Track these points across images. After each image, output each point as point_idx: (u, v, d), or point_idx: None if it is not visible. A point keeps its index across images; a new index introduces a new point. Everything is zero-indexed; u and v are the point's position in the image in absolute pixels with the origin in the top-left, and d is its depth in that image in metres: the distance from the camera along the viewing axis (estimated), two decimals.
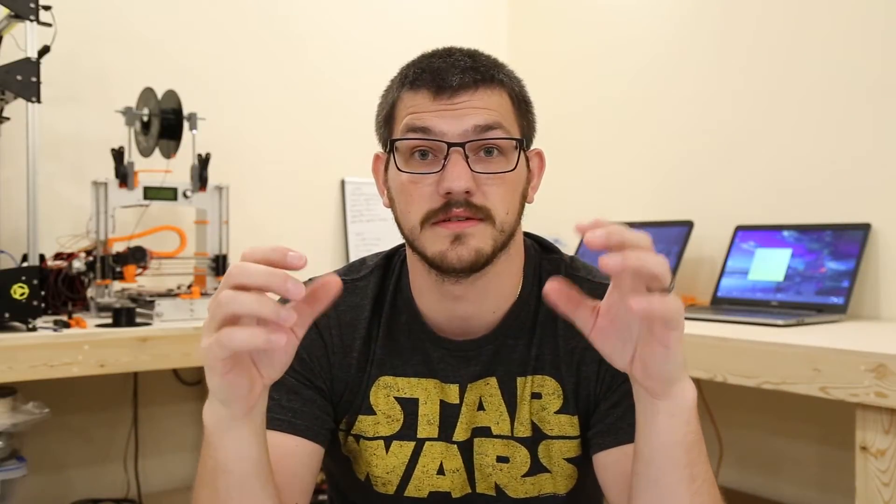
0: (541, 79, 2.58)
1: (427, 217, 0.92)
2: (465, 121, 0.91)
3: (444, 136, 0.91)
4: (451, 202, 0.90)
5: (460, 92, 0.91)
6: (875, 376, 1.41)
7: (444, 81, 0.91)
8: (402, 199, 0.95)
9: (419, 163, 0.93)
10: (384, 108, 0.98)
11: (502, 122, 0.93)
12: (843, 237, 2.07)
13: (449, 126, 0.91)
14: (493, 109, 0.92)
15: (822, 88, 2.21)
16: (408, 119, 0.93)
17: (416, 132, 0.92)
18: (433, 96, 0.91)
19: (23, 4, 1.84)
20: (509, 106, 0.95)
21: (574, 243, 2.69)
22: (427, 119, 0.91)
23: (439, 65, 0.93)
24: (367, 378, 1.02)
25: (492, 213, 0.92)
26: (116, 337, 1.85)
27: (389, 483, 1.02)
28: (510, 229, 0.95)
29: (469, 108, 0.91)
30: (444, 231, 0.91)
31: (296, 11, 2.78)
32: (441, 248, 0.91)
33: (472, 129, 0.91)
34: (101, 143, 2.26)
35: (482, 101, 0.92)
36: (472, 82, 0.92)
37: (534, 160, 1.01)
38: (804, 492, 2.23)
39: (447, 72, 0.92)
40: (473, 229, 0.91)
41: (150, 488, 2.47)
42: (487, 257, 0.92)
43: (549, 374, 1.00)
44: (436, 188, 0.91)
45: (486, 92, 0.92)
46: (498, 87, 0.94)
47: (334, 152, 2.81)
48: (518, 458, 1.01)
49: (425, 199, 0.91)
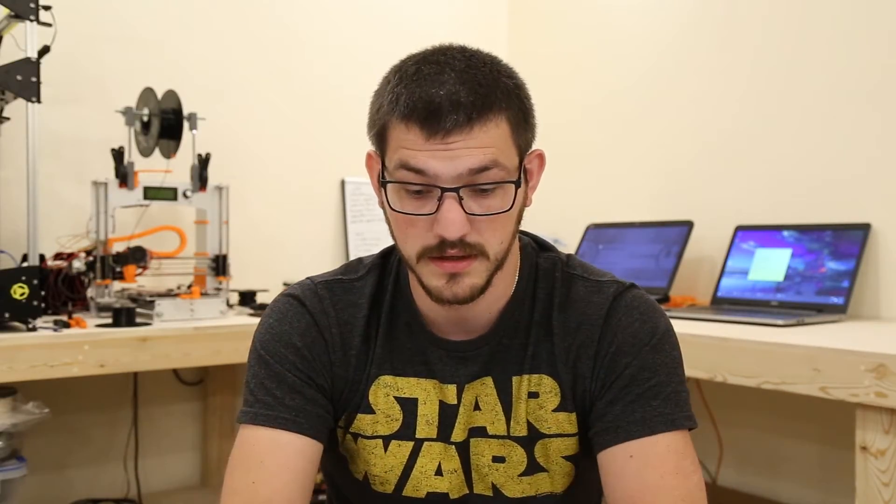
0: (541, 80, 2.58)
1: (422, 253, 0.92)
2: (458, 163, 0.87)
3: (438, 178, 0.88)
4: (446, 243, 0.90)
5: (454, 132, 0.87)
6: (875, 376, 1.41)
7: (437, 121, 0.86)
8: (398, 230, 0.95)
9: (413, 200, 0.91)
10: (375, 125, 0.94)
11: (499, 158, 0.89)
12: (843, 237, 2.07)
13: (443, 167, 0.87)
14: (489, 146, 0.88)
15: (823, 89, 2.21)
16: (401, 154, 0.90)
17: (409, 171, 0.89)
18: (426, 136, 0.87)
19: (23, 4, 1.84)
20: (507, 133, 0.90)
21: (574, 243, 2.69)
22: (420, 159, 0.88)
23: (432, 96, 0.87)
24: (366, 377, 1.02)
25: (486, 249, 0.92)
26: (116, 337, 1.86)
27: (387, 482, 1.02)
28: (505, 255, 0.95)
29: (463, 147, 0.87)
30: (439, 269, 0.92)
31: (295, 12, 2.78)
32: (437, 284, 0.93)
33: (467, 171, 0.88)
34: (101, 143, 2.27)
35: (477, 140, 0.87)
36: (465, 121, 0.86)
37: (533, 162, 0.99)
38: (804, 492, 2.23)
39: (440, 108, 0.86)
40: (469, 268, 0.91)
41: (150, 488, 2.47)
42: (483, 288, 0.94)
43: (545, 373, 1.00)
44: (430, 228, 0.90)
45: (481, 128, 0.87)
46: (494, 118, 0.88)
47: (334, 152, 2.81)
48: (514, 458, 1.01)
49: (420, 237, 0.91)
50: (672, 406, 0.95)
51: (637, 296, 1.02)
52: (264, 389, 0.98)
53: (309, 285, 1.05)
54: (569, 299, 1.02)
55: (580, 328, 1.00)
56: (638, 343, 0.98)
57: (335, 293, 1.04)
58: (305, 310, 1.02)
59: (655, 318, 1.00)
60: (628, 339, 0.98)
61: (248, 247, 2.52)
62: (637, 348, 0.97)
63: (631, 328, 0.98)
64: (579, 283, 1.03)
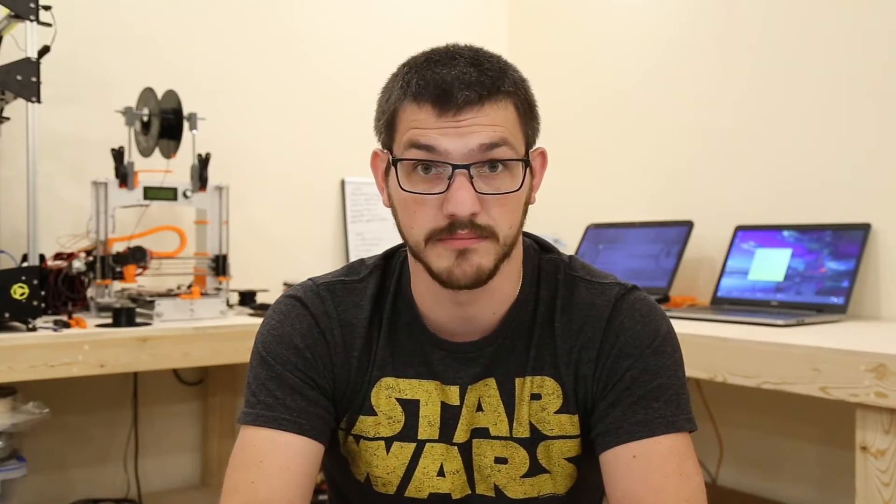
0: (541, 80, 2.57)
1: (431, 235, 0.92)
2: (470, 139, 0.89)
3: (449, 155, 0.89)
4: (456, 223, 0.90)
5: (465, 109, 0.88)
6: (875, 376, 1.41)
7: (449, 98, 0.88)
8: (405, 214, 0.94)
9: (422, 179, 0.91)
10: (385, 113, 0.96)
11: (508, 136, 0.91)
12: (843, 237, 2.07)
13: (453, 145, 0.89)
14: (499, 125, 0.90)
15: (823, 89, 2.21)
16: (411, 133, 0.91)
17: (419, 149, 0.90)
18: (437, 113, 0.89)
19: (23, 4, 1.84)
20: (515, 117, 0.92)
21: (574, 243, 2.69)
22: (431, 136, 0.89)
23: (443, 76, 0.89)
24: (368, 378, 1.02)
25: (496, 231, 0.92)
26: (116, 337, 1.86)
27: (389, 484, 1.02)
28: (513, 241, 0.95)
29: (474, 125, 0.89)
30: (448, 248, 0.91)
31: (296, 12, 2.78)
32: (446, 264, 0.92)
33: (478, 147, 0.89)
34: (101, 143, 2.26)
35: (487, 118, 0.89)
36: (476, 98, 0.89)
37: (536, 160, 1.00)
38: (804, 492, 2.23)
39: (452, 86, 0.89)
40: (478, 246, 0.91)
41: (150, 488, 2.47)
42: (491, 272, 0.93)
43: (548, 375, 1.00)
44: (440, 208, 0.90)
45: (491, 107, 0.90)
46: (503, 100, 0.91)
47: (334, 152, 2.81)
48: (517, 459, 1.01)
49: (429, 218, 0.91)
50: (673, 408, 0.95)
51: (639, 298, 1.02)
52: (265, 390, 0.98)
53: (311, 286, 1.05)
54: (571, 301, 1.02)
55: (583, 330, 1.00)
56: (640, 345, 0.98)
57: (337, 294, 1.04)
58: (307, 311, 1.02)
59: (657, 321, 1.00)
60: (630, 342, 0.98)
61: (248, 247, 2.52)
62: (639, 350, 0.97)
63: (633, 330, 0.99)
64: (582, 285, 1.03)
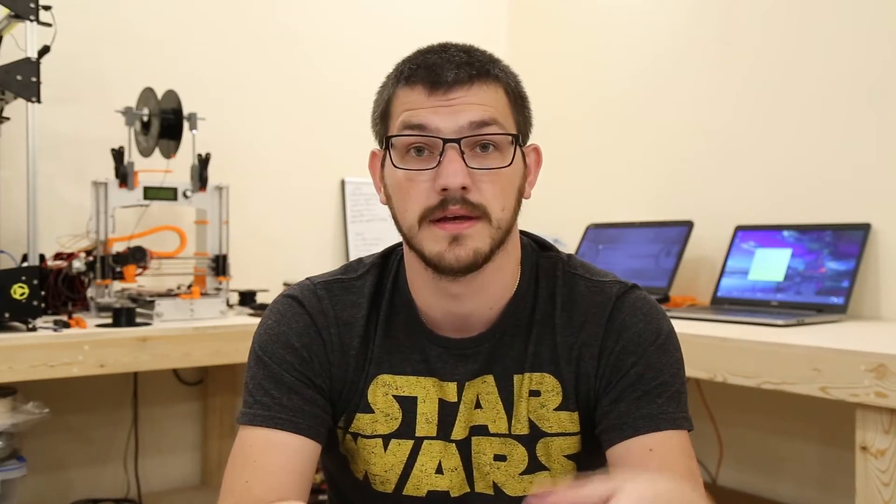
0: (541, 80, 2.59)
1: (424, 215, 0.92)
2: (460, 116, 0.91)
3: (440, 132, 0.91)
4: (448, 199, 0.91)
5: (455, 87, 0.91)
6: (875, 376, 1.41)
7: (439, 77, 0.91)
8: (399, 197, 0.95)
9: (415, 159, 0.93)
10: (380, 105, 0.98)
11: (498, 117, 0.93)
12: (843, 237, 2.07)
13: (444, 122, 0.91)
14: (489, 105, 0.92)
15: (823, 89, 2.21)
16: (404, 115, 0.93)
17: (411, 128, 0.92)
18: (428, 92, 0.92)
19: (23, 4, 1.84)
20: (505, 101, 0.95)
21: (574, 243, 2.69)
22: (422, 115, 0.92)
23: (434, 60, 0.93)
24: (365, 376, 1.02)
25: (488, 211, 0.92)
26: (116, 337, 1.86)
27: (388, 482, 1.02)
28: (507, 226, 0.95)
29: (464, 103, 0.91)
30: (441, 232, 0.92)
31: (295, 12, 2.78)
32: (439, 248, 0.92)
33: (468, 125, 0.91)
34: (101, 143, 2.26)
35: (477, 97, 0.92)
36: (467, 77, 0.92)
37: (531, 156, 1.01)
38: (804, 492, 2.23)
39: (442, 67, 0.92)
40: (471, 230, 0.92)
41: (150, 488, 2.47)
42: (485, 256, 0.93)
43: (547, 371, 1.00)
44: (432, 185, 0.91)
45: (481, 87, 0.93)
46: (493, 83, 0.94)
47: (334, 152, 2.81)
48: (515, 456, 1.01)
49: (422, 196, 0.92)
50: (674, 406, 0.96)
51: (640, 296, 1.02)
52: (262, 390, 0.98)
53: (308, 286, 1.05)
54: (571, 298, 1.02)
55: (583, 327, 1.00)
56: (644, 343, 0.98)
57: (334, 293, 1.04)
58: (304, 310, 1.02)
59: (659, 319, 1.01)
60: (634, 339, 0.98)
61: (248, 247, 2.52)
62: (643, 348, 0.98)
63: (636, 328, 0.99)
64: (581, 282, 1.03)
